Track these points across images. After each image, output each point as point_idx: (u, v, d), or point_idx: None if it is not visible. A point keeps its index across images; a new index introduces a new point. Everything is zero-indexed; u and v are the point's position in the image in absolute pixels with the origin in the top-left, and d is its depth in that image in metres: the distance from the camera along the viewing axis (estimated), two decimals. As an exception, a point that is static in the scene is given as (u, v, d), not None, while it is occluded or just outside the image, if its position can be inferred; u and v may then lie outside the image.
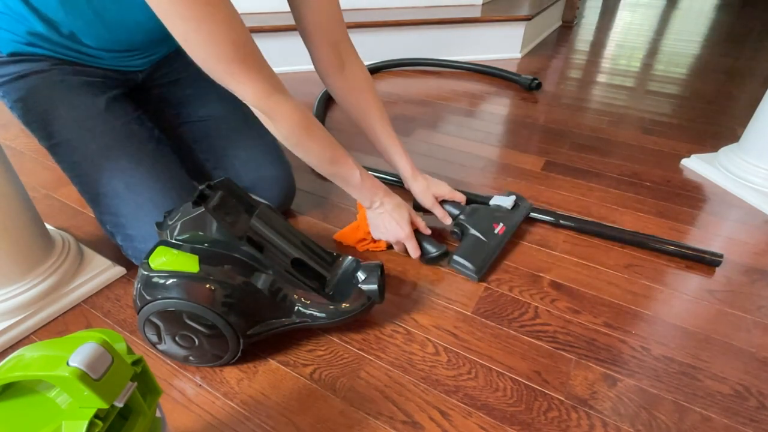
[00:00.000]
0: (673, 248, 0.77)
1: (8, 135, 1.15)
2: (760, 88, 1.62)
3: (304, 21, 0.67)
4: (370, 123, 0.76)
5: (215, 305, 0.50)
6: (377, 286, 0.59)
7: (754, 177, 0.96)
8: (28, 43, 0.64)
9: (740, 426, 0.52)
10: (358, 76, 0.74)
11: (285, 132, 0.60)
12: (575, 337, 0.63)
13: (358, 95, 0.75)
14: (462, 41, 1.85)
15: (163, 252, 0.51)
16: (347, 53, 0.72)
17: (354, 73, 0.73)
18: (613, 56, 2.02)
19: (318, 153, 0.64)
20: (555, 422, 0.52)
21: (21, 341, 0.61)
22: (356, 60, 0.74)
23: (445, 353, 0.60)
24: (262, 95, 0.56)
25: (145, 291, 0.51)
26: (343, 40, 0.72)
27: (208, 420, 0.51)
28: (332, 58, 0.71)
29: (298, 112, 0.60)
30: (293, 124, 0.59)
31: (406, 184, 0.80)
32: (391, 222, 0.71)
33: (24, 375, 0.29)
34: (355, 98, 0.75)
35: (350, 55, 0.73)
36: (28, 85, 0.65)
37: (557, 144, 1.18)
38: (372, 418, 0.52)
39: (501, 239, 0.76)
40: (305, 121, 0.61)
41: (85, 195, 0.70)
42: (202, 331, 0.52)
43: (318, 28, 0.68)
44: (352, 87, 0.74)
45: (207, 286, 0.50)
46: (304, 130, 0.61)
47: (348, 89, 0.74)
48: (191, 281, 0.50)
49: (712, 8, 3.41)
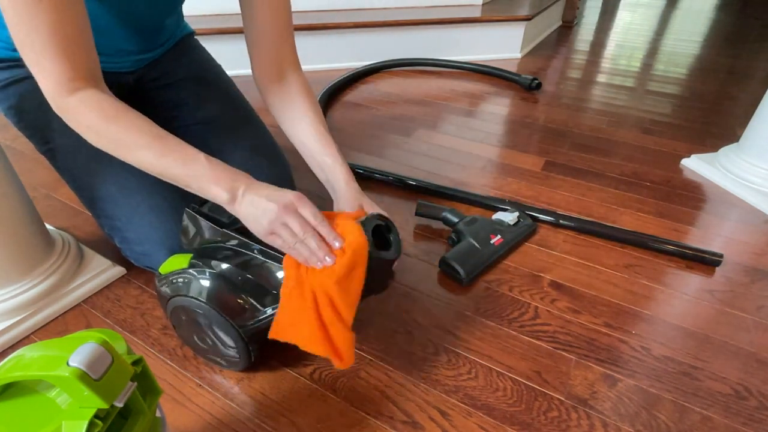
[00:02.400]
0: (673, 248, 0.77)
1: (8, 135, 1.15)
2: (760, 88, 1.62)
3: (252, 26, 0.63)
4: (303, 127, 0.65)
5: (202, 295, 0.51)
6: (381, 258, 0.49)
7: (754, 177, 0.96)
8: (16, 49, 0.63)
9: (740, 426, 0.52)
10: (295, 87, 0.67)
11: (84, 126, 0.51)
12: (575, 337, 0.63)
13: (293, 103, 0.66)
14: (462, 41, 1.85)
15: (169, 262, 0.56)
16: (289, 64, 0.67)
17: (291, 84, 0.67)
18: (613, 56, 2.02)
19: (146, 148, 0.51)
20: (555, 422, 0.52)
21: (21, 341, 0.61)
22: (298, 72, 0.68)
23: (445, 353, 0.60)
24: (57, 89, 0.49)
25: (161, 301, 0.55)
26: (290, 53, 0.67)
27: (208, 420, 0.51)
28: (273, 69, 0.66)
29: (100, 101, 0.51)
30: (93, 115, 0.50)
31: (339, 186, 0.61)
32: (268, 197, 0.50)
33: (24, 375, 0.29)
34: (289, 104, 0.67)
35: (292, 65, 0.68)
36: (19, 91, 0.65)
37: (557, 144, 1.18)
38: (372, 418, 0.52)
39: (496, 250, 0.75)
40: (109, 110, 0.51)
41: (81, 198, 0.70)
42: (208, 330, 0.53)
43: (264, 37, 0.64)
44: (287, 95, 0.67)
45: (191, 278, 0.52)
46: (104, 121, 0.50)
47: (282, 96, 0.67)
48: (192, 277, 0.52)
49: (712, 8, 3.41)
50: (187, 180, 0.52)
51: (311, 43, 1.70)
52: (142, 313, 0.65)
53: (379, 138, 1.19)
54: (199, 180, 0.51)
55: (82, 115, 0.50)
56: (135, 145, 0.51)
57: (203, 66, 0.83)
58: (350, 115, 1.34)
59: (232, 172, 0.52)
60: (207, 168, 0.51)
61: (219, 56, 0.87)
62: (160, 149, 0.52)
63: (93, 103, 0.50)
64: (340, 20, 1.72)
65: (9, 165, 0.60)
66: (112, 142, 0.51)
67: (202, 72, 0.82)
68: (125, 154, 0.52)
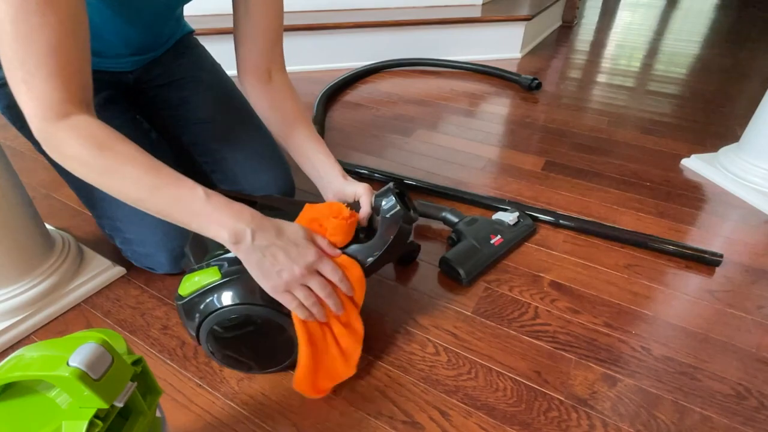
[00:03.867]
0: (673, 248, 0.77)
1: (8, 135, 1.15)
2: (760, 88, 1.62)
3: (247, 27, 0.63)
4: (294, 127, 0.66)
5: (255, 297, 0.49)
6: (400, 207, 0.52)
7: (754, 177, 0.96)
8: None
9: (740, 426, 0.52)
10: (283, 88, 0.68)
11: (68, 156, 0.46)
12: (575, 337, 0.63)
13: (283, 102, 0.67)
14: (462, 41, 1.85)
15: (186, 280, 0.52)
16: (278, 65, 0.68)
17: (279, 85, 0.68)
18: (613, 56, 2.02)
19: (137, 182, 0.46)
20: (555, 422, 0.52)
21: (21, 341, 0.61)
22: (284, 72, 0.69)
23: (445, 353, 0.60)
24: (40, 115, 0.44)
25: (189, 319, 0.51)
26: (280, 54, 0.68)
27: (208, 420, 0.51)
28: (263, 70, 0.66)
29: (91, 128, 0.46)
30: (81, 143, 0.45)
31: (336, 180, 0.62)
32: (287, 253, 0.47)
33: (24, 375, 0.29)
34: (279, 104, 0.67)
35: (280, 66, 0.68)
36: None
37: (557, 144, 1.18)
38: (372, 418, 0.52)
39: (496, 250, 0.75)
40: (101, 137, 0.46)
41: (82, 199, 0.70)
42: (259, 331, 0.51)
43: (258, 38, 0.64)
44: (276, 96, 0.68)
45: (236, 284, 0.49)
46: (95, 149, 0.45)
47: (272, 96, 0.68)
48: (221, 288, 0.49)
49: (712, 8, 3.41)
50: (184, 218, 0.47)
51: (311, 43, 1.70)
52: (142, 313, 0.65)
53: (379, 138, 1.19)
54: (198, 218, 0.47)
55: (69, 142, 0.45)
56: (125, 178, 0.46)
57: (203, 65, 0.83)
58: (350, 115, 1.34)
59: (235, 210, 0.48)
60: (206, 206, 0.47)
61: (219, 56, 0.87)
62: (152, 182, 0.47)
63: (83, 129, 0.46)
64: (340, 20, 1.72)
65: (9, 165, 0.60)
66: (99, 174, 0.47)
67: (202, 71, 0.82)
68: (112, 187, 0.47)
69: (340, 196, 0.60)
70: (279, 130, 0.67)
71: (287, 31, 1.63)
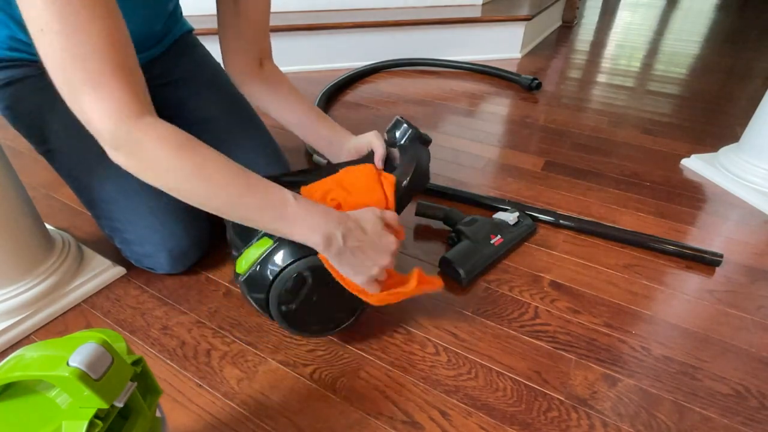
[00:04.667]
0: (673, 248, 0.77)
1: (8, 135, 1.14)
2: (760, 88, 1.62)
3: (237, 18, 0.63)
4: (294, 105, 0.68)
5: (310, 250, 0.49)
6: (412, 128, 0.58)
7: (754, 177, 0.96)
8: (11, 48, 0.63)
9: (740, 426, 0.52)
10: (274, 74, 0.70)
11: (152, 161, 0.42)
12: (575, 337, 0.63)
13: (277, 86, 0.69)
14: (462, 41, 1.85)
15: (240, 259, 0.53)
16: (267, 54, 0.69)
17: (270, 71, 0.69)
18: (613, 56, 2.02)
19: (224, 187, 0.44)
20: (555, 422, 0.52)
21: (21, 341, 0.61)
22: (272, 60, 0.71)
23: (445, 353, 0.60)
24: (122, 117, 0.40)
25: (254, 290, 0.52)
26: (269, 44, 0.69)
27: (208, 420, 0.51)
28: (255, 60, 0.67)
29: (168, 129, 0.43)
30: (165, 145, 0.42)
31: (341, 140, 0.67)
32: (373, 245, 0.48)
33: (24, 375, 0.29)
34: (274, 88, 0.69)
35: (269, 55, 0.70)
36: (15, 92, 0.65)
37: (557, 144, 1.18)
38: (372, 418, 0.52)
39: (496, 250, 0.75)
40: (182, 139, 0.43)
41: (81, 199, 0.70)
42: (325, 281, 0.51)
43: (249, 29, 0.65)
44: (269, 81, 0.69)
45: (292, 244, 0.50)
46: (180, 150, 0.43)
47: (266, 82, 0.69)
48: (277, 250, 0.50)
49: (712, 8, 3.41)
50: (273, 223, 0.46)
51: (311, 43, 1.70)
52: (142, 313, 0.65)
53: (379, 138, 1.19)
54: (289, 223, 0.46)
55: (151, 144, 0.41)
56: (213, 182, 0.43)
57: (203, 65, 0.83)
58: (350, 115, 1.34)
59: (321, 212, 0.47)
60: (297, 210, 0.46)
61: (218, 56, 0.87)
62: (242, 186, 0.44)
63: (161, 130, 0.42)
64: (340, 20, 1.72)
65: (9, 165, 0.60)
66: (185, 179, 0.43)
67: (202, 71, 0.82)
68: (198, 192, 0.44)
69: (357, 150, 0.63)
70: (279, 112, 0.68)
71: (287, 31, 1.63)
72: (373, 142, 0.61)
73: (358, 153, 0.64)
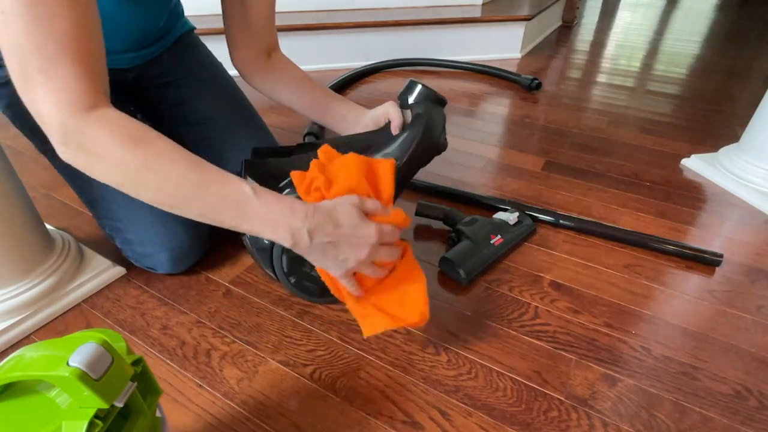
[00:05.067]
0: (673, 248, 0.77)
1: (8, 135, 1.15)
2: (760, 88, 1.62)
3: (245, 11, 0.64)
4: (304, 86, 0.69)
5: None
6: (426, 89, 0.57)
7: (754, 177, 0.96)
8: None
9: (740, 426, 0.52)
10: (284, 59, 0.71)
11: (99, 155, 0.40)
12: (575, 337, 0.63)
13: (285, 71, 0.70)
14: (462, 41, 1.85)
15: None
16: (275, 44, 0.70)
17: (278, 59, 0.70)
18: (613, 56, 2.02)
19: (177, 183, 0.42)
20: (555, 422, 0.52)
21: (21, 341, 0.61)
22: (279, 48, 0.72)
23: (445, 353, 0.60)
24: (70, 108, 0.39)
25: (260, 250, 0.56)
26: (275, 35, 0.70)
27: (208, 420, 0.51)
28: (263, 51, 0.68)
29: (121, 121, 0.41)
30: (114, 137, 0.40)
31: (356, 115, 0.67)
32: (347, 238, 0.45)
33: (24, 375, 0.29)
34: (281, 74, 0.69)
35: (276, 45, 0.71)
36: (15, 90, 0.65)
37: (557, 144, 1.18)
38: (372, 418, 0.52)
39: (496, 250, 0.75)
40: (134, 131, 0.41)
41: (82, 199, 0.70)
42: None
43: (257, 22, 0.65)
44: (277, 67, 0.70)
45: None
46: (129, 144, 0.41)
47: (274, 69, 0.70)
48: None
49: (712, 8, 3.41)
50: (233, 220, 0.43)
51: (311, 43, 1.70)
52: (142, 313, 0.65)
53: (379, 138, 1.19)
54: (249, 220, 0.43)
55: (99, 138, 0.40)
56: (165, 177, 0.42)
57: (204, 64, 0.83)
58: (350, 115, 1.34)
59: (286, 206, 0.44)
60: (257, 205, 0.43)
61: (219, 55, 0.87)
62: (197, 180, 0.42)
63: (114, 122, 0.40)
64: (340, 20, 1.72)
65: (9, 165, 0.60)
66: (136, 173, 0.41)
67: (203, 70, 0.82)
68: (149, 186, 0.42)
69: (375, 122, 0.64)
70: (292, 97, 0.69)
71: (287, 31, 1.63)
72: (389, 112, 0.61)
73: (376, 124, 0.63)
